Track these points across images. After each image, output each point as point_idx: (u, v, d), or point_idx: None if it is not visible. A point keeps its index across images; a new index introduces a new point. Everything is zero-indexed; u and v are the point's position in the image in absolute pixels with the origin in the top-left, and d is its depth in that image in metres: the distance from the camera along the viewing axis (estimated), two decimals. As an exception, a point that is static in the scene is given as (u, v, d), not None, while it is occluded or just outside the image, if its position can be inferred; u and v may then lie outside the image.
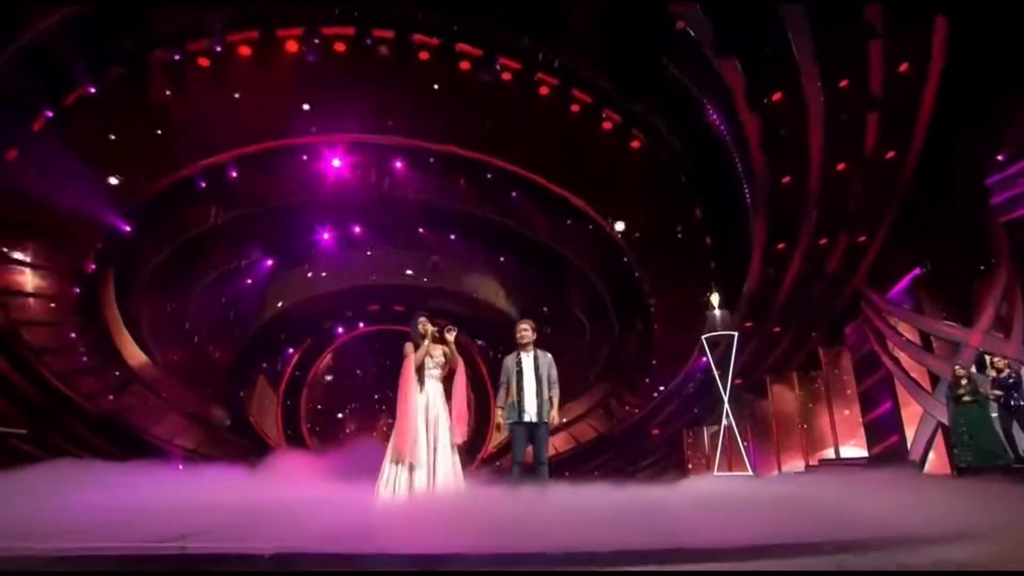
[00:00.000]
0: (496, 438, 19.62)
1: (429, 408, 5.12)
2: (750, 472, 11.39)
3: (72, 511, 3.58)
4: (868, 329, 10.20)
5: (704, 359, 12.34)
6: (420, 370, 5.22)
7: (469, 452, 19.71)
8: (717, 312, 12.77)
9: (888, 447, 9.67)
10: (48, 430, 13.04)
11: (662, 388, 15.71)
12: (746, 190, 12.90)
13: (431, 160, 14.93)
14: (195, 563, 2.64)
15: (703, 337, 12.18)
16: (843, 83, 10.08)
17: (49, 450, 12.29)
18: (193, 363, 16.68)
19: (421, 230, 16.96)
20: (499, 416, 5.47)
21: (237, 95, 12.94)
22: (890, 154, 9.81)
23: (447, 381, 5.33)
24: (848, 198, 10.67)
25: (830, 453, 10.73)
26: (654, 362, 17.01)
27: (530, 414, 5.36)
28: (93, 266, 13.55)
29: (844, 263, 11.06)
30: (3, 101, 10.97)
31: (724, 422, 11.47)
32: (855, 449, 10.35)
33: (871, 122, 9.85)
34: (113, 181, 12.98)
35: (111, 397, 14.89)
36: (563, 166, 15.06)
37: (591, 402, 19.20)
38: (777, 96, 11.47)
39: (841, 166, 10.71)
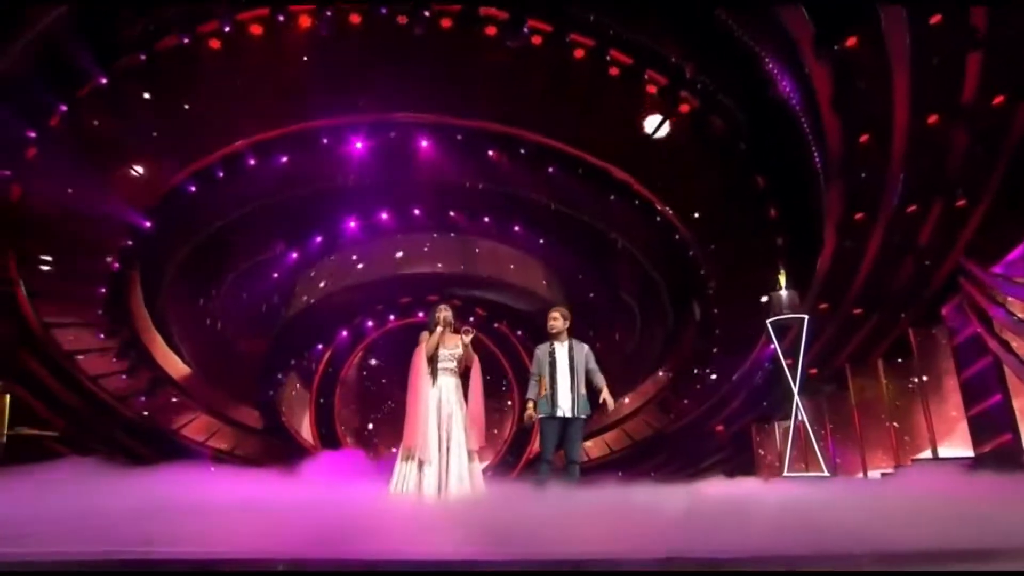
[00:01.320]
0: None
1: (442, 404, 5.02)
2: (826, 473, 10.60)
3: (42, 515, 3.50)
4: (970, 309, 9.04)
5: (772, 347, 11.65)
6: (433, 361, 5.13)
7: (512, 452, 19.41)
8: (783, 293, 11.90)
9: (999, 446, 8.55)
10: (83, 432, 13.36)
11: (725, 380, 14.99)
12: (815, 153, 11.89)
13: (459, 137, 14.45)
14: (157, 568, 2.59)
15: (768, 322, 11.39)
16: (935, 19, 8.92)
17: (86, 453, 12.66)
18: (223, 362, 16.86)
19: (452, 213, 16.57)
20: (529, 409, 5.40)
21: (252, 78, 12.73)
22: (997, 100, 8.61)
23: (464, 378, 5.25)
24: (943, 156, 9.52)
25: (927, 453, 9.67)
26: (715, 351, 16.33)
27: (563, 408, 5.28)
28: (117, 265, 13.72)
29: (939, 232, 9.92)
30: (17, 99, 11.07)
31: (796, 417, 10.74)
32: (957, 448, 9.26)
33: (972, 64, 8.66)
34: (133, 173, 13.02)
35: (143, 399, 15.21)
36: (604, 137, 14.33)
37: (646, 396, 18.63)
38: (851, 41, 10.38)
39: (933, 119, 9.57)
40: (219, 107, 12.92)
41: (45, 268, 13.12)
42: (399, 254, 16.83)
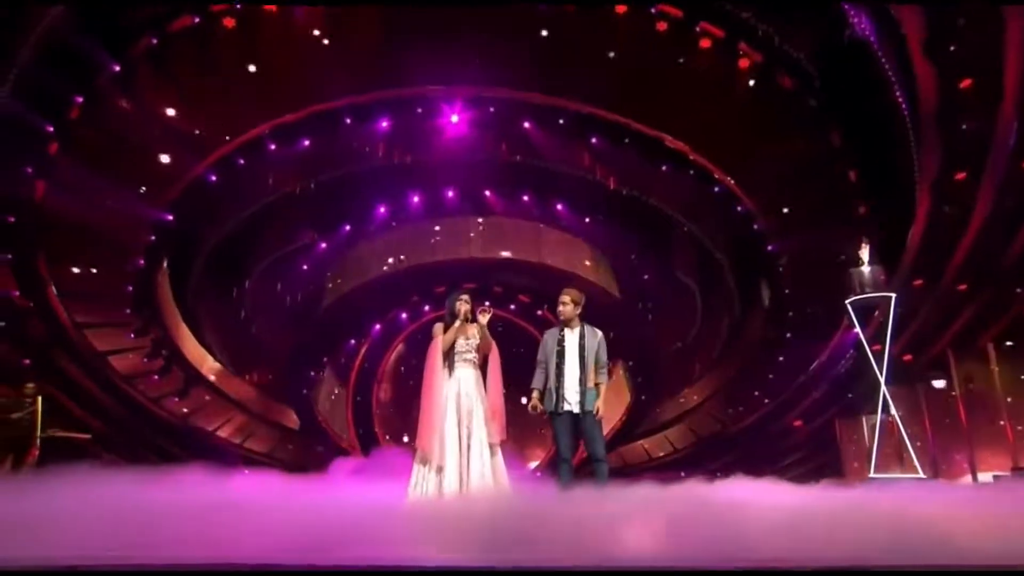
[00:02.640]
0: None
1: (462, 398, 4.90)
2: (922, 475, 9.68)
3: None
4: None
5: (855, 331, 10.74)
6: (450, 354, 5.03)
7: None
8: (865, 269, 11.03)
9: None
10: (118, 434, 13.62)
11: (802, 369, 14.10)
12: (903, 104, 10.78)
13: (491, 109, 13.91)
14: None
15: (847, 302, 10.58)
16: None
17: (122, 455, 12.89)
18: (256, 360, 16.93)
19: (488, 193, 16.10)
20: (534, 398, 5.16)
21: (268, 58, 12.49)
22: None
23: (484, 368, 5.12)
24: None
25: (1051, 453, 8.61)
26: (788, 336, 15.48)
27: (571, 403, 5.01)
28: (142, 262, 13.82)
29: (1064, 190, 8.73)
30: (35, 95, 11.16)
31: (886, 411, 9.79)
32: (1091, 448, 8.17)
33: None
34: (153, 164, 13.04)
35: (176, 399, 15.41)
36: (652, 101, 13.48)
37: (711, 388, 17.93)
38: (951, -33, 9.20)
39: (1056, 52, 8.34)
40: (236, 91, 12.75)
41: (73, 268, 13.31)
42: (432, 240, 16.51)
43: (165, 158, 13.01)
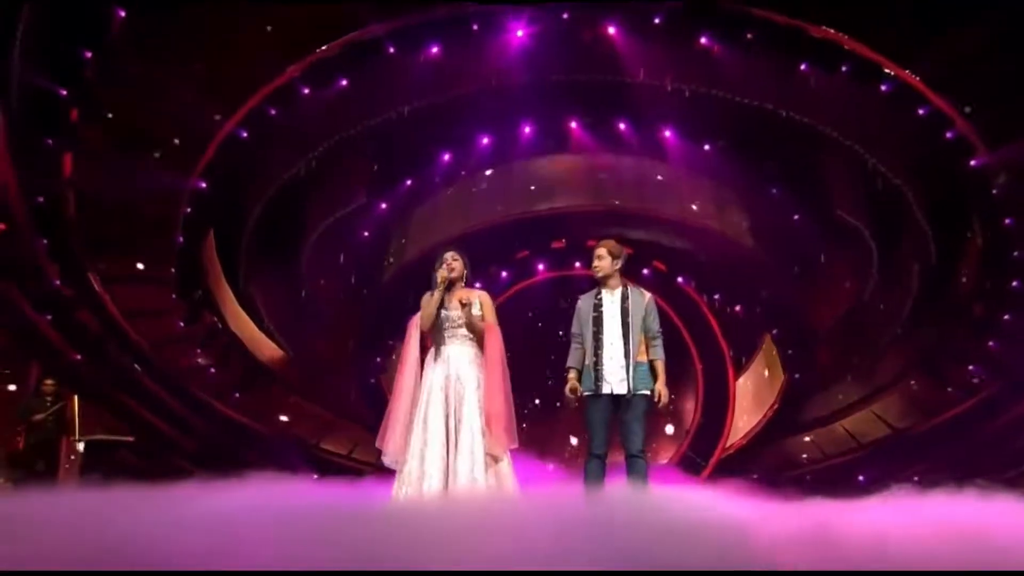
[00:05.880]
0: (739, 429, 17.37)
1: (451, 383, 4.84)
2: None
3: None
4: None
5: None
6: (437, 329, 5.01)
7: (701, 445, 17.63)
8: None
9: None
10: (185, 437, 14.53)
11: None
12: None
13: (564, 16, 13.00)
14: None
15: None
16: None
17: (205, 466, 13.74)
18: (321, 343, 17.37)
19: (573, 124, 15.20)
20: (571, 380, 5.07)
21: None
22: None
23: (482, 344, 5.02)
24: None
25: None
26: (1015, 285, 13.91)
27: (612, 383, 4.86)
28: (181, 239, 14.46)
29: None
30: (44, 60, 11.89)
31: None
32: None
33: None
34: (175, 124, 13.54)
35: (237, 395, 16.14)
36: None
37: (899, 368, 16.40)
38: None
39: None
40: (255, 29, 12.82)
41: (112, 251, 14.22)
42: (508, 191, 15.93)
43: (181, 120, 13.49)
